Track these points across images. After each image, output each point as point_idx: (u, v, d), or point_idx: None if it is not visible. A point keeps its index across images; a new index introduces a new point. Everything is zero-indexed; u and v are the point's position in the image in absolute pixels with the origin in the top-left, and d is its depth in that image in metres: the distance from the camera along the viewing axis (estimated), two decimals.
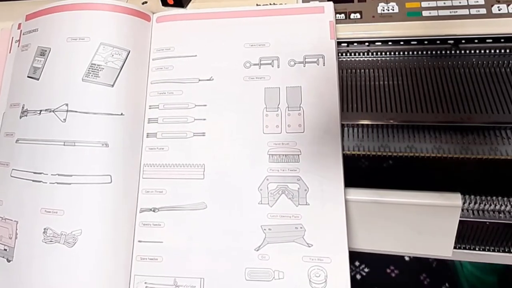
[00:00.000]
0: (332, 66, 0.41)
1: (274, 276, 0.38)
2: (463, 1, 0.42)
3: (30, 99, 0.44)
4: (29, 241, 0.41)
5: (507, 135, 0.37)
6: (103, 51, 0.42)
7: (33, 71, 0.44)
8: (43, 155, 0.41)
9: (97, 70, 0.42)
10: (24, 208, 0.42)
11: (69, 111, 0.41)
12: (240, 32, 0.44)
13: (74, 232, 0.39)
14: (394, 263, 0.69)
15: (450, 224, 0.36)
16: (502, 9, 0.41)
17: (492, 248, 0.38)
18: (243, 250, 0.39)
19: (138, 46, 0.44)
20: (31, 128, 0.43)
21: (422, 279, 0.73)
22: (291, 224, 0.38)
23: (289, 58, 0.42)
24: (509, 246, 0.37)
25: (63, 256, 0.39)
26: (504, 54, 0.41)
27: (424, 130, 0.38)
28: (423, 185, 0.37)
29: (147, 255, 0.41)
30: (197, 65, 0.44)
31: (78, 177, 0.40)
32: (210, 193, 0.40)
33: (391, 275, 0.65)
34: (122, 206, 0.41)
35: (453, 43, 0.42)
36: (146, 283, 0.40)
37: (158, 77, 0.44)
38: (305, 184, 0.39)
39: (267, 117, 0.41)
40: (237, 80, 0.43)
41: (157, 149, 0.43)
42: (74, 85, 0.42)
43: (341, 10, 0.44)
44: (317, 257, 0.38)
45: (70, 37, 0.43)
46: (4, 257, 0.42)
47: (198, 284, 0.39)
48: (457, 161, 0.37)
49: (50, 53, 0.43)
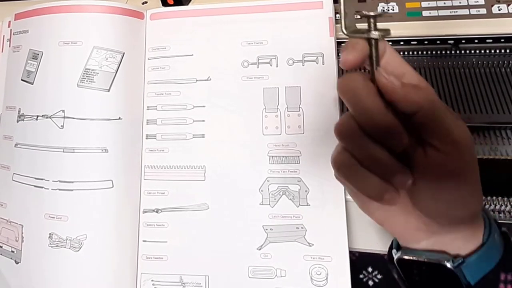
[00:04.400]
0: (332, 65, 0.40)
1: (277, 274, 0.39)
2: (463, 1, 0.41)
3: (25, 104, 0.43)
4: (36, 245, 0.42)
5: (507, 135, 0.37)
6: (96, 55, 0.41)
7: (26, 74, 0.43)
8: (43, 162, 0.41)
9: (91, 75, 0.41)
10: (28, 213, 0.42)
11: (66, 117, 0.41)
12: (236, 30, 0.43)
13: (79, 237, 0.40)
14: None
15: None
16: (502, 9, 0.41)
17: None
18: (246, 249, 0.40)
19: (132, 47, 0.43)
20: (29, 134, 0.42)
21: None
22: (292, 224, 0.39)
23: (288, 57, 0.41)
24: None
25: (70, 260, 0.40)
26: (504, 54, 0.41)
27: None
28: None
29: (153, 254, 0.42)
30: (194, 64, 0.43)
31: (80, 184, 0.40)
32: (212, 194, 0.41)
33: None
34: (125, 208, 0.41)
35: (453, 43, 0.42)
36: (153, 280, 0.41)
37: (154, 77, 0.44)
38: (306, 185, 0.39)
39: (267, 118, 0.41)
40: (235, 80, 0.42)
41: (157, 150, 0.43)
42: (70, 91, 0.41)
43: None
44: (318, 256, 0.38)
45: (62, 41, 0.42)
46: (12, 258, 0.43)
47: (203, 281, 0.40)
48: None
49: (42, 57, 0.42)
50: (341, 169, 0.26)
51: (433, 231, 0.28)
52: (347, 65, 0.24)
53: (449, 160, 0.24)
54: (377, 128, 0.23)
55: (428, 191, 0.25)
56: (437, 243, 0.28)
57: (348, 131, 0.25)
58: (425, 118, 0.24)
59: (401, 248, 0.30)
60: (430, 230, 0.28)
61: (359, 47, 0.24)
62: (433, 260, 0.28)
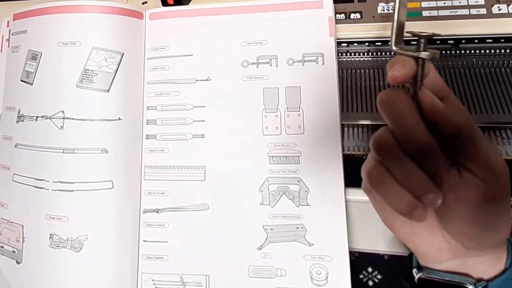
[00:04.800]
0: (332, 65, 0.40)
1: (277, 273, 0.39)
2: (463, 1, 0.41)
3: (25, 104, 0.43)
4: (37, 245, 0.42)
5: (507, 135, 0.37)
6: (96, 55, 0.41)
7: (26, 75, 0.43)
8: (43, 162, 0.41)
9: (91, 75, 0.41)
10: (28, 213, 0.42)
11: (66, 118, 0.41)
12: (236, 30, 0.43)
13: (79, 237, 0.40)
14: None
15: None
16: (502, 9, 0.40)
17: None
18: (246, 249, 0.40)
19: (132, 47, 0.43)
20: (29, 134, 0.42)
21: None
22: (292, 224, 0.39)
23: (288, 57, 0.41)
24: None
25: (71, 261, 0.40)
26: (504, 54, 0.40)
27: None
28: None
29: (153, 254, 0.42)
30: (194, 64, 0.43)
31: (80, 184, 0.40)
32: (212, 194, 0.41)
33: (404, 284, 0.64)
34: (125, 208, 0.41)
35: (453, 43, 0.41)
36: (154, 280, 0.42)
37: (154, 77, 0.44)
38: (306, 185, 0.39)
39: (267, 118, 0.41)
40: (235, 80, 0.42)
41: (157, 150, 0.43)
42: (69, 92, 0.41)
43: (341, 10, 0.43)
44: (318, 255, 0.39)
45: (61, 41, 0.42)
46: (13, 258, 0.43)
47: (204, 280, 0.41)
48: None
49: (41, 58, 0.42)
50: (374, 182, 0.26)
51: (458, 253, 0.28)
52: (396, 81, 0.25)
53: (486, 186, 0.24)
54: (415, 146, 0.24)
55: (460, 213, 0.26)
56: (461, 265, 0.28)
57: (386, 146, 0.25)
58: (464, 142, 0.24)
59: (421, 268, 0.30)
60: (454, 252, 0.28)
61: (409, 65, 0.25)
62: (456, 282, 0.28)
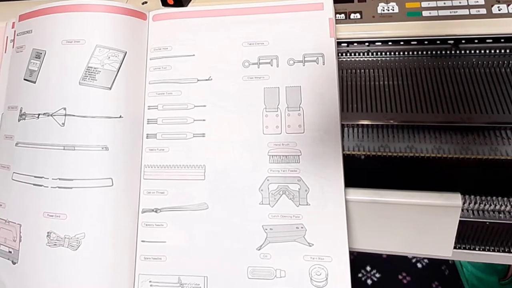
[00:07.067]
0: (332, 65, 0.40)
1: (276, 274, 0.39)
2: (463, 1, 0.41)
3: (27, 103, 0.43)
4: (33, 244, 0.41)
5: (507, 135, 0.37)
6: (99, 53, 0.41)
7: (29, 74, 0.43)
8: (43, 160, 0.41)
9: (94, 73, 0.41)
10: (26, 212, 0.42)
11: (68, 115, 0.41)
12: (238, 31, 0.43)
13: (77, 235, 0.40)
14: (406, 269, 0.68)
15: (450, 224, 0.36)
16: (502, 9, 0.41)
17: (492, 248, 0.38)
18: (245, 249, 0.39)
19: (134, 47, 0.44)
20: (30, 132, 0.42)
21: (434, 286, 0.71)
22: (292, 224, 0.39)
23: (288, 57, 0.42)
24: (509, 246, 0.38)
25: (68, 259, 0.40)
26: (504, 54, 0.41)
27: (424, 130, 0.38)
28: (423, 185, 0.37)
29: (151, 255, 0.41)
30: (195, 65, 0.43)
31: (79, 181, 0.40)
32: (211, 194, 0.41)
33: (403, 282, 0.63)
34: (124, 207, 0.41)
35: (453, 43, 0.42)
36: (151, 281, 0.41)
37: (156, 77, 0.44)
38: (306, 185, 0.39)
39: (267, 118, 0.41)
40: (236, 80, 0.42)
41: (157, 150, 0.43)
42: (72, 89, 0.41)
43: (341, 10, 0.43)
44: (318, 256, 0.38)
45: (65, 39, 0.42)
46: (9, 259, 0.42)
47: (202, 282, 0.40)
48: (457, 161, 0.37)
49: (45, 56, 0.43)
50: None
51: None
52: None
53: None
54: None
55: None
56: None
57: None
58: None
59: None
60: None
61: None
62: None
